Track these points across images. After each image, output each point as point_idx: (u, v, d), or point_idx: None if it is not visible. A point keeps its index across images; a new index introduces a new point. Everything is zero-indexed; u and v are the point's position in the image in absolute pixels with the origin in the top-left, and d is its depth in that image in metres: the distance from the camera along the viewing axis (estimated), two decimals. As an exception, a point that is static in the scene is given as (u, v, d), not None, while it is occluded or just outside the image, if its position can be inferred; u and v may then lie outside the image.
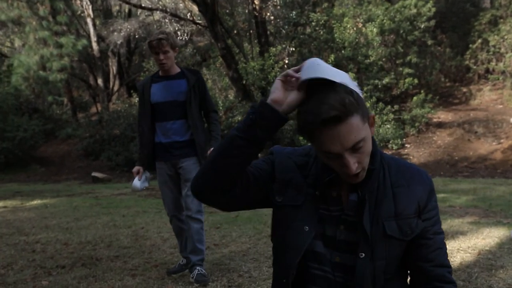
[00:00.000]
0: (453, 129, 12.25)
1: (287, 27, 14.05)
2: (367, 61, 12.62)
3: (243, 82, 12.51)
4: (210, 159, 1.26)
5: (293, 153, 1.35)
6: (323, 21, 12.99)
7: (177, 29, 15.09)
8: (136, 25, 16.36)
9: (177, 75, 3.27)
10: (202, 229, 3.31)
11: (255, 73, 12.18)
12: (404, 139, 12.08)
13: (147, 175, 3.35)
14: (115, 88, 18.59)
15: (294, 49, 13.51)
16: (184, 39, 15.56)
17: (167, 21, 15.09)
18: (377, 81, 12.44)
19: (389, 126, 11.81)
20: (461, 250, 3.74)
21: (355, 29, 13.05)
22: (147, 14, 16.42)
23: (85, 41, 15.20)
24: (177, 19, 14.83)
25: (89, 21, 16.49)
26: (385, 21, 12.72)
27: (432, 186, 1.29)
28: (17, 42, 17.11)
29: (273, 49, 12.67)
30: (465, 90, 14.25)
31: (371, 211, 1.23)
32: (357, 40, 12.77)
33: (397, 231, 1.23)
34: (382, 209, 1.24)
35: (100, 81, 17.00)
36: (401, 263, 1.30)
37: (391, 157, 1.32)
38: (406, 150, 11.79)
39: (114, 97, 18.24)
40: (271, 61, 12.22)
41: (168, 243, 4.38)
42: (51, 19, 14.65)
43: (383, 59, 13.03)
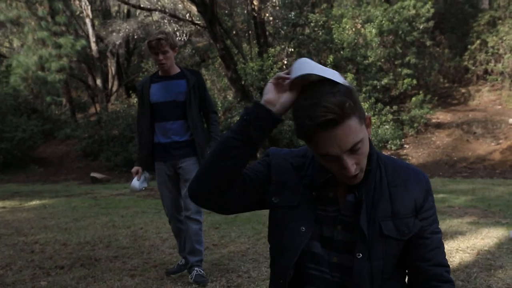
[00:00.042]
0: (451, 129, 12.26)
1: (286, 27, 14.06)
2: (366, 62, 12.63)
3: (242, 82, 12.51)
4: (206, 162, 1.26)
5: (289, 155, 1.36)
6: (322, 22, 13.01)
7: (176, 29, 15.09)
8: (135, 25, 16.35)
9: (177, 75, 3.26)
10: (200, 230, 3.31)
11: (254, 73, 12.18)
12: (403, 140, 12.10)
13: (146, 176, 3.34)
14: (114, 88, 18.56)
15: (293, 49, 13.52)
16: (183, 40, 15.56)
17: (166, 21, 15.08)
18: (376, 82, 12.46)
19: (388, 126, 11.82)
20: (460, 250, 3.74)
21: (354, 30, 13.06)
22: (146, 14, 16.42)
23: (84, 42, 15.19)
24: (176, 19, 14.83)
25: (88, 21, 16.48)
26: (384, 22, 12.73)
27: (428, 185, 1.29)
28: (15, 42, 17.11)
29: (272, 50, 12.68)
30: (463, 90, 14.27)
31: (368, 211, 1.24)
32: (356, 41, 12.79)
33: (394, 231, 1.23)
34: (378, 209, 1.24)
35: (99, 82, 16.99)
36: (399, 263, 1.30)
37: (387, 157, 1.32)
38: (405, 150, 11.80)
39: (113, 98, 18.22)
40: (270, 61, 12.23)
41: (167, 244, 4.38)
42: (50, 19, 14.63)
43: (382, 60, 13.05)
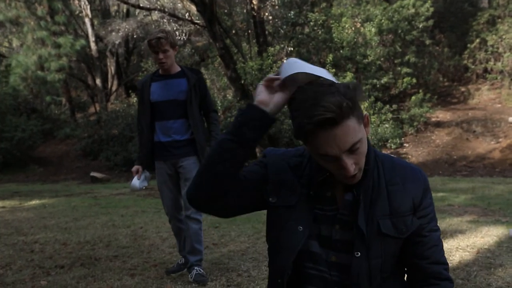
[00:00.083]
0: (451, 128, 12.27)
1: (285, 27, 14.05)
2: (366, 61, 12.63)
3: (242, 82, 12.50)
4: (202, 165, 1.26)
5: (286, 154, 1.36)
6: (321, 21, 13.01)
7: (175, 29, 15.08)
8: (134, 25, 16.35)
9: (177, 74, 3.25)
10: (200, 230, 3.31)
11: (253, 73, 12.17)
12: (402, 139, 12.10)
13: (147, 175, 3.33)
14: (114, 88, 18.57)
15: (292, 49, 13.52)
16: (182, 39, 15.55)
17: (165, 21, 15.08)
18: (375, 81, 12.46)
19: (387, 125, 11.83)
20: (460, 248, 3.75)
21: (353, 29, 13.06)
22: (145, 14, 16.41)
23: (83, 41, 15.20)
24: (175, 19, 14.81)
25: (87, 21, 16.48)
26: (383, 21, 12.73)
27: (426, 183, 1.29)
28: (15, 42, 17.10)
29: (271, 49, 12.67)
30: (463, 89, 14.28)
31: (366, 210, 1.23)
32: (355, 40, 12.79)
33: (392, 229, 1.23)
34: (377, 207, 1.24)
35: (98, 81, 16.98)
36: (398, 261, 1.30)
37: (384, 155, 1.32)
38: (404, 149, 11.81)
39: (112, 97, 18.22)
40: (270, 61, 12.22)
41: (167, 243, 4.38)
42: (49, 19, 14.64)
43: (382, 59, 13.04)
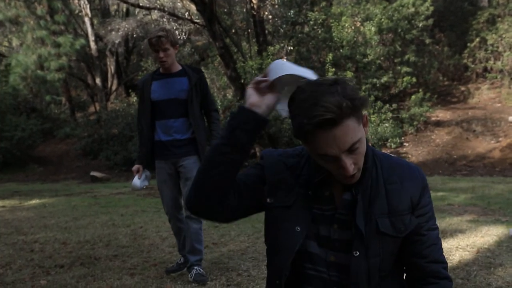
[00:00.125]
0: (451, 127, 12.26)
1: (285, 26, 14.03)
2: (365, 60, 12.62)
3: (241, 81, 12.48)
4: (199, 172, 1.26)
5: (283, 155, 1.36)
6: (321, 20, 12.99)
7: (175, 28, 15.07)
8: (134, 24, 16.34)
9: (178, 72, 3.25)
10: (201, 229, 3.30)
11: (253, 72, 12.16)
12: (402, 138, 12.10)
13: (147, 174, 3.33)
14: (113, 87, 18.57)
15: (292, 48, 13.52)
16: (182, 39, 15.55)
17: (165, 20, 15.07)
18: (375, 80, 12.45)
19: (387, 124, 11.82)
20: (460, 248, 3.74)
21: (353, 28, 13.04)
22: (145, 13, 16.40)
23: (83, 41, 15.21)
24: (175, 18, 14.80)
25: (87, 20, 16.47)
26: (383, 20, 12.72)
27: (425, 182, 1.29)
28: (14, 41, 17.11)
29: (271, 48, 12.67)
30: (463, 88, 14.27)
31: (365, 209, 1.24)
32: (355, 39, 12.77)
33: (390, 228, 1.23)
34: (375, 206, 1.24)
35: (98, 81, 16.99)
36: (397, 260, 1.30)
37: (383, 154, 1.32)
38: (404, 148, 11.81)
39: (112, 97, 18.23)
40: (269, 60, 12.19)
41: (166, 242, 4.38)
42: (49, 18, 14.65)
43: (381, 58, 13.03)
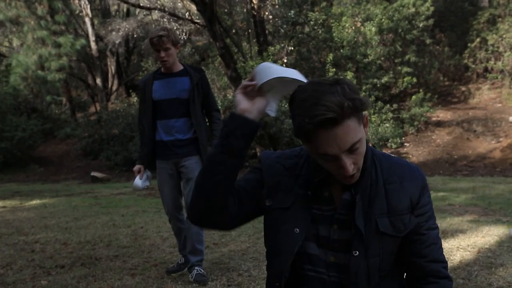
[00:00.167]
0: (452, 128, 12.26)
1: (285, 26, 14.03)
2: (366, 60, 12.62)
3: (242, 81, 12.44)
4: (196, 183, 1.27)
5: (281, 156, 1.35)
6: (321, 20, 12.99)
7: (175, 28, 15.06)
8: (134, 24, 16.34)
9: (180, 72, 3.24)
10: (202, 230, 3.30)
11: (254, 72, 12.16)
12: (403, 138, 12.09)
13: (148, 174, 3.33)
14: (114, 87, 18.57)
15: (292, 48, 13.51)
16: (182, 39, 15.54)
17: (166, 20, 15.07)
18: (375, 80, 12.45)
19: (388, 125, 11.81)
20: (461, 248, 3.74)
21: (353, 28, 13.04)
22: (145, 13, 16.40)
23: (83, 41, 15.20)
24: (175, 18, 14.80)
25: (87, 20, 16.48)
26: (383, 20, 12.72)
27: (424, 182, 1.29)
28: (15, 41, 17.11)
29: (271, 48, 12.67)
30: (464, 89, 14.26)
31: (364, 209, 1.23)
32: (355, 39, 12.77)
33: (389, 228, 1.23)
34: (374, 206, 1.24)
35: (98, 81, 16.99)
36: (397, 260, 1.30)
37: (382, 154, 1.32)
38: (405, 149, 11.80)
39: (112, 97, 18.23)
40: (270, 60, 12.20)
41: (167, 243, 4.38)
42: (49, 18, 14.65)
43: (382, 58, 13.03)
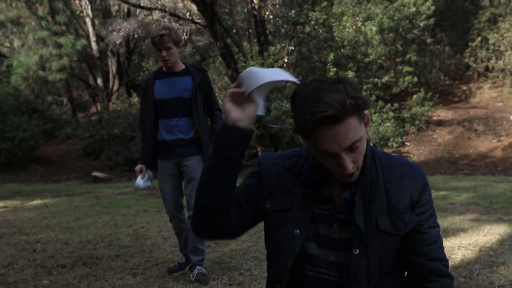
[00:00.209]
0: (453, 127, 12.25)
1: (286, 26, 14.02)
2: (367, 60, 12.60)
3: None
4: (196, 197, 1.28)
5: (280, 158, 1.35)
6: (322, 20, 12.98)
7: (176, 28, 15.06)
8: (135, 24, 16.35)
9: (182, 71, 3.23)
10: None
11: (254, 72, 12.15)
12: (404, 137, 12.08)
13: (150, 174, 3.32)
14: (115, 87, 18.59)
15: (293, 48, 13.51)
16: (183, 39, 15.54)
17: (166, 20, 15.08)
18: (376, 80, 12.44)
19: (389, 124, 11.80)
20: (462, 247, 3.74)
21: (354, 27, 13.03)
22: (146, 13, 16.41)
23: (84, 41, 15.21)
24: (176, 18, 14.81)
25: (88, 21, 16.49)
26: (384, 19, 12.70)
27: (425, 180, 1.29)
28: (16, 42, 17.12)
29: (272, 48, 12.66)
30: (464, 88, 14.25)
31: (365, 207, 1.23)
32: (356, 38, 12.76)
33: (390, 226, 1.23)
34: (375, 204, 1.24)
35: (99, 81, 17.00)
36: (397, 258, 1.30)
37: (382, 153, 1.32)
38: (406, 148, 11.79)
39: (113, 97, 18.25)
40: (271, 60, 12.20)
41: (168, 242, 4.38)
42: (50, 19, 14.65)
43: (383, 58, 13.01)
